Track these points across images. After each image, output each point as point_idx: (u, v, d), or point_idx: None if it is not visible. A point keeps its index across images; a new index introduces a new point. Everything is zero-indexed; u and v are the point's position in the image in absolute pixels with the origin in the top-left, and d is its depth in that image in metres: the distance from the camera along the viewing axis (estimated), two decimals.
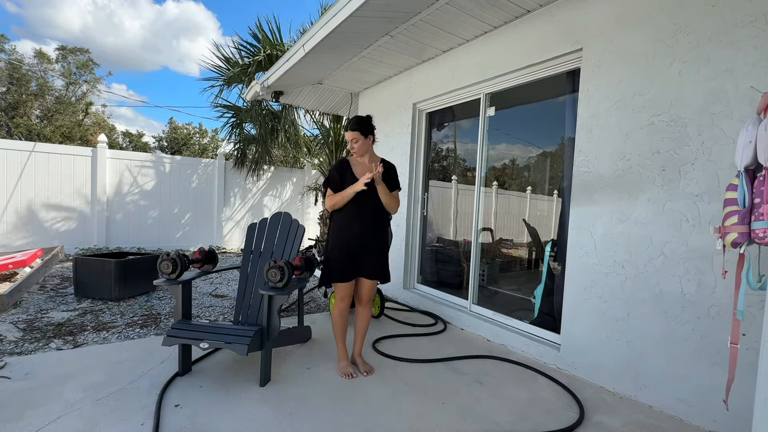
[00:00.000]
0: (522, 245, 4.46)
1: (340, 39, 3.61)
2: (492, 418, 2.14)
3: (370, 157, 2.63)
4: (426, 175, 4.56)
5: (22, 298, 3.96)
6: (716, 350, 2.08)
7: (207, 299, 4.38)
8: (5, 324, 3.25)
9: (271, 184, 9.02)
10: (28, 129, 16.16)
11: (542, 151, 3.79)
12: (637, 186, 2.43)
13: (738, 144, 1.40)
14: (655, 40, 2.35)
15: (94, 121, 19.17)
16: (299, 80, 4.96)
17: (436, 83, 4.10)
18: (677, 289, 2.24)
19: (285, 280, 2.36)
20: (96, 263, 4.07)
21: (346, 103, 6.04)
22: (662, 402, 2.29)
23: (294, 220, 3.11)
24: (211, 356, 2.77)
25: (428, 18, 3.25)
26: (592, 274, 2.66)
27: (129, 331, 3.23)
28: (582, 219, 2.74)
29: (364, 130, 2.54)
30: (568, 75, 3.03)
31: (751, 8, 1.99)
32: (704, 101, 2.15)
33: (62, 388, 2.22)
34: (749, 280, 1.38)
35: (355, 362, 2.69)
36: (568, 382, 2.63)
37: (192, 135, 25.18)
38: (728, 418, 2.02)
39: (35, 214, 6.52)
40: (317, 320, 3.74)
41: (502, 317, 3.45)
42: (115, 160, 7.22)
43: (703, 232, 2.14)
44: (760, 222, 1.29)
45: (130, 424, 1.92)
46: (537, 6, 3.01)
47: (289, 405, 2.17)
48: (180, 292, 2.54)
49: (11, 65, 15.82)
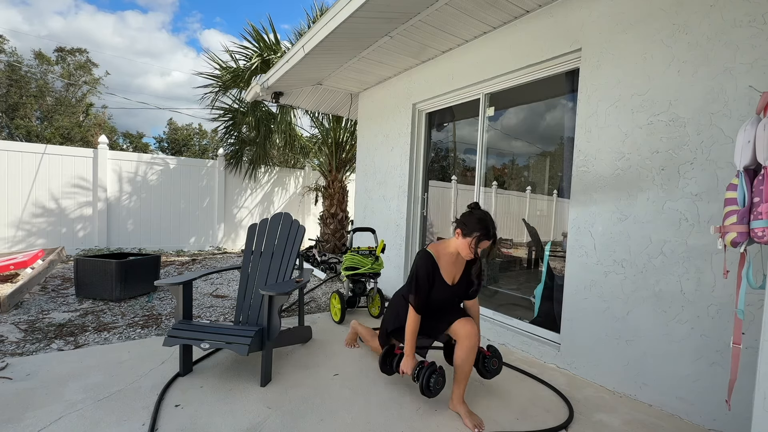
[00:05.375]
0: (522, 245, 4.46)
1: (340, 39, 3.61)
2: (492, 417, 2.14)
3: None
4: (426, 175, 4.57)
5: (24, 299, 3.97)
6: (716, 349, 2.09)
7: (208, 299, 4.38)
8: (7, 325, 3.26)
9: (271, 185, 9.03)
10: (27, 130, 16.17)
11: (542, 151, 3.79)
12: (637, 185, 2.44)
13: (737, 143, 1.41)
14: (654, 40, 2.36)
15: (94, 122, 19.18)
16: (299, 81, 4.97)
17: (436, 83, 4.10)
18: (677, 288, 2.24)
19: None
20: (97, 264, 4.08)
21: (346, 104, 6.05)
22: (662, 401, 2.29)
23: (294, 220, 3.11)
24: (212, 356, 2.77)
25: (428, 18, 3.26)
26: (592, 274, 2.66)
27: (130, 332, 3.23)
28: (581, 218, 2.74)
29: None
30: (567, 75, 3.03)
31: (750, 8, 1.99)
32: (703, 101, 2.15)
33: (63, 389, 2.22)
34: (749, 278, 1.38)
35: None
36: (567, 381, 2.63)
37: (192, 136, 25.19)
38: (728, 416, 2.03)
39: (36, 215, 6.53)
40: (318, 320, 3.74)
41: (502, 316, 3.46)
42: (116, 161, 7.23)
43: (702, 231, 2.15)
44: (760, 221, 1.29)
45: (131, 424, 1.92)
46: (536, 6, 3.02)
47: (290, 405, 2.17)
48: (181, 293, 2.54)
49: (10, 67, 15.83)
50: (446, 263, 2.24)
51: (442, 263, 2.23)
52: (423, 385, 2.09)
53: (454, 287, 2.27)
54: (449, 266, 2.25)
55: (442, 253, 2.24)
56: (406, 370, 2.16)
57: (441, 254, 2.24)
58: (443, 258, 2.24)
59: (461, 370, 2.13)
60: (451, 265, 2.25)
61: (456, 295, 2.31)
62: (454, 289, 2.28)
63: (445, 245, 2.27)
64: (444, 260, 2.24)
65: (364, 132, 5.46)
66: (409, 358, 2.19)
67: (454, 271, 2.27)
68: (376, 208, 5.14)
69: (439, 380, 2.12)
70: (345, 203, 7.89)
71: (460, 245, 2.14)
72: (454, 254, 2.24)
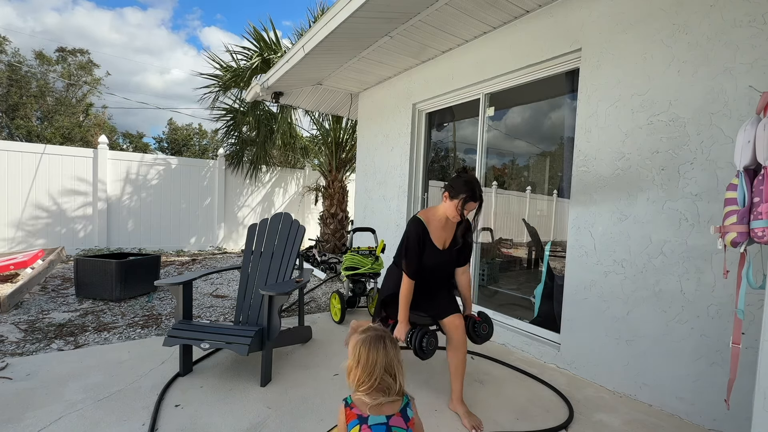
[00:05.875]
0: (522, 245, 4.46)
1: (340, 39, 3.61)
2: (492, 417, 2.14)
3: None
4: (426, 175, 4.57)
5: (24, 299, 3.97)
6: (716, 349, 2.09)
7: (208, 299, 4.38)
8: (7, 325, 3.26)
9: (271, 185, 9.04)
10: (28, 130, 16.19)
11: (542, 151, 3.79)
12: (637, 185, 2.44)
13: (737, 143, 1.41)
14: (654, 40, 2.36)
15: (94, 122, 19.20)
16: (299, 81, 4.97)
17: (436, 83, 4.10)
18: (677, 288, 2.24)
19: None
20: (97, 264, 4.08)
21: (346, 104, 6.05)
22: (662, 401, 2.29)
23: (294, 220, 3.11)
24: (212, 356, 2.77)
25: (428, 18, 3.26)
26: (592, 274, 2.66)
27: (130, 332, 3.23)
28: (581, 218, 2.74)
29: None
30: (567, 75, 3.03)
31: (750, 8, 1.99)
32: (703, 101, 2.15)
33: (63, 389, 2.22)
34: (749, 278, 1.38)
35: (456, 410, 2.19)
36: (567, 381, 2.63)
37: (192, 136, 25.20)
38: (728, 416, 2.03)
39: (36, 215, 6.53)
40: (318, 320, 3.75)
41: (502, 316, 3.45)
42: (116, 161, 7.23)
43: (702, 231, 2.15)
44: (759, 221, 1.29)
45: (131, 424, 1.92)
46: (536, 6, 3.02)
47: (290, 405, 2.17)
48: (181, 293, 2.54)
49: (11, 67, 15.84)
50: (436, 228, 2.27)
51: (431, 228, 2.27)
52: (416, 347, 2.10)
53: (444, 252, 2.30)
54: (439, 231, 2.28)
55: (432, 218, 2.28)
56: (400, 336, 2.17)
57: (430, 219, 2.28)
58: (433, 223, 2.27)
59: (454, 365, 2.16)
60: (440, 230, 2.28)
61: (448, 262, 2.33)
62: (445, 253, 2.30)
63: (434, 210, 2.32)
64: (433, 225, 2.27)
65: (364, 132, 5.46)
66: (402, 323, 2.19)
67: (444, 236, 2.30)
68: (376, 208, 5.14)
69: (431, 341, 2.12)
70: (345, 203, 7.89)
71: (447, 208, 2.18)
72: (443, 219, 2.27)
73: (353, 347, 1.37)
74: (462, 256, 2.38)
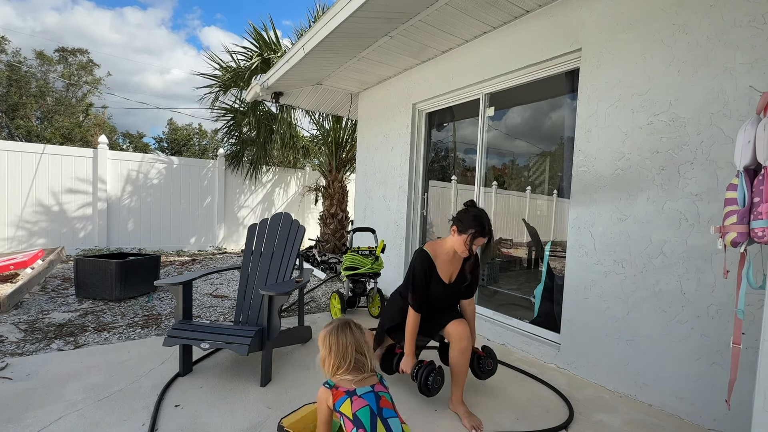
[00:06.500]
0: (522, 245, 4.46)
1: (340, 39, 3.61)
2: (492, 417, 2.14)
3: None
4: (426, 175, 4.57)
5: (24, 299, 3.97)
6: (716, 349, 2.09)
7: (207, 299, 4.38)
8: (7, 325, 3.26)
9: (271, 185, 9.04)
10: (28, 130, 16.18)
11: (542, 151, 3.79)
12: (637, 185, 2.44)
13: (737, 143, 1.41)
14: (654, 40, 2.36)
15: (94, 122, 19.19)
16: (299, 81, 4.97)
17: (436, 83, 4.10)
18: (677, 288, 2.24)
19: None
20: (97, 264, 4.08)
21: (346, 104, 6.05)
22: (662, 401, 2.29)
23: (294, 220, 3.11)
24: (212, 356, 2.77)
25: (428, 18, 3.26)
26: (592, 274, 2.66)
27: (130, 332, 3.23)
28: (581, 218, 2.74)
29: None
30: (567, 75, 3.03)
31: (750, 8, 1.99)
32: (703, 101, 2.15)
33: (63, 389, 2.22)
34: (749, 278, 1.38)
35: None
36: (567, 381, 2.63)
37: (192, 136, 25.20)
38: (728, 416, 2.03)
39: (36, 215, 6.53)
40: (318, 320, 3.75)
41: (502, 316, 3.45)
42: (116, 161, 7.23)
43: (702, 231, 2.15)
44: (760, 221, 1.29)
45: (131, 424, 1.92)
46: (536, 6, 3.02)
47: (290, 405, 2.17)
48: (181, 293, 2.54)
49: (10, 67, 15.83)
50: (443, 262, 2.24)
51: (438, 262, 2.23)
52: (422, 384, 2.10)
53: (450, 285, 2.27)
54: (446, 264, 2.25)
55: (439, 251, 2.25)
56: (406, 369, 2.16)
57: (438, 253, 2.24)
58: (440, 256, 2.24)
59: (456, 371, 2.14)
60: (447, 264, 2.25)
61: (453, 294, 2.31)
62: (451, 287, 2.28)
63: (441, 243, 2.28)
64: (441, 259, 2.24)
65: (364, 132, 5.46)
66: (409, 357, 2.19)
67: (450, 270, 2.27)
68: (376, 208, 5.14)
69: (437, 379, 2.12)
70: (345, 203, 7.89)
71: (456, 242, 2.14)
72: (451, 252, 2.24)
73: (323, 339, 1.50)
74: (469, 290, 2.36)
